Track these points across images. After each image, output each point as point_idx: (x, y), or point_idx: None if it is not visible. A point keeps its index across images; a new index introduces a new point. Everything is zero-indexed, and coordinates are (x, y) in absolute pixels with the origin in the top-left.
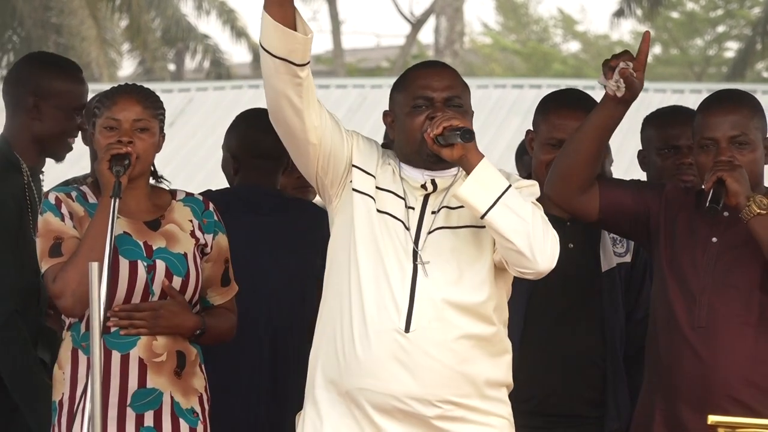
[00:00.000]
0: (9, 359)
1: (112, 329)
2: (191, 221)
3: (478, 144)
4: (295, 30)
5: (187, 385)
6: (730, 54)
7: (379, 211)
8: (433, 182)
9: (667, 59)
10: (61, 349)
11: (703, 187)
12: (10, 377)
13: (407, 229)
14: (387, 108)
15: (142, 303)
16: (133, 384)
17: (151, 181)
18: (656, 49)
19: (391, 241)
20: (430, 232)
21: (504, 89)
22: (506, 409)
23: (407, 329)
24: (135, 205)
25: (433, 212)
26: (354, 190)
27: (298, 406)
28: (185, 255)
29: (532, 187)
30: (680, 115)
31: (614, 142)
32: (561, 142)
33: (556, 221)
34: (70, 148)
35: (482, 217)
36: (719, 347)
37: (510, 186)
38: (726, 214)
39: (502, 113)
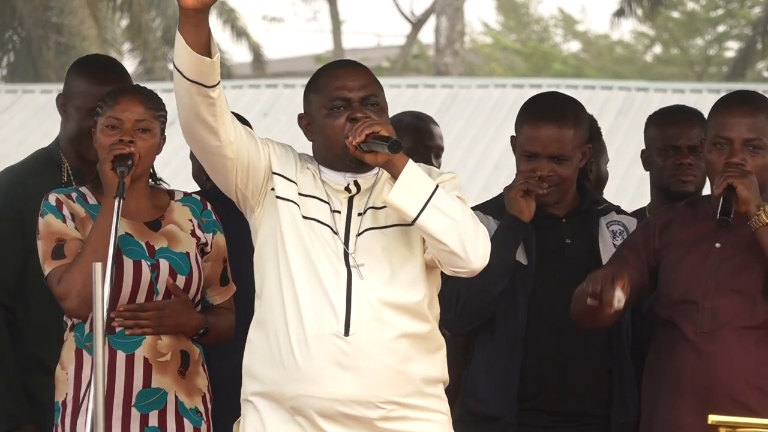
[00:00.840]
0: None
1: (117, 329)
2: (191, 221)
3: (480, 144)
4: (210, 52)
5: (191, 385)
6: (730, 54)
7: (304, 217)
8: (356, 183)
9: (667, 59)
10: (64, 350)
11: (712, 192)
12: None
13: (335, 233)
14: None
15: (146, 302)
16: (138, 384)
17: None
18: (657, 49)
19: (321, 246)
20: (359, 234)
21: (504, 89)
22: (444, 405)
23: (347, 332)
24: (135, 206)
25: (359, 214)
26: (277, 197)
27: None
28: (187, 254)
29: (453, 180)
30: (682, 115)
31: (614, 142)
32: (534, 155)
33: (551, 218)
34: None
35: (413, 221)
36: (723, 352)
37: (437, 186)
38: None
39: (502, 113)
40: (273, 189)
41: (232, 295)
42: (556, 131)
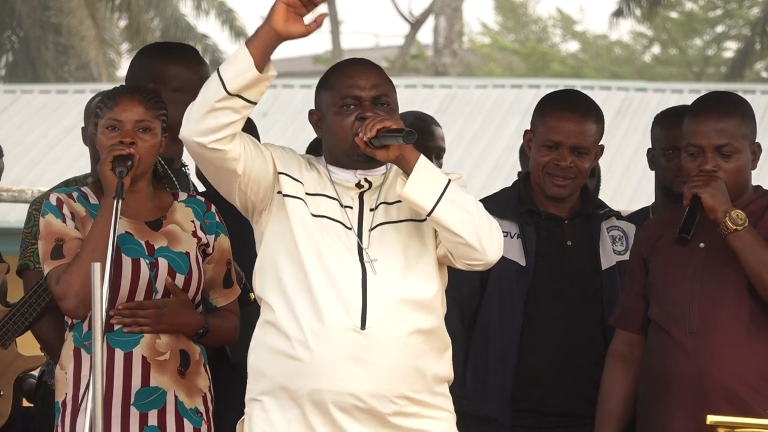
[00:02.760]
0: None
1: (116, 327)
2: (193, 222)
3: (478, 144)
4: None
5: (191, 385)
6: (729, 54)
7: (314, 215)
8: (367, 180)
9: (665, 59)
10: (63, 350)
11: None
12: None
13: (349, 228)
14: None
15: (145, 300)
16: (136, 382)
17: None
18: (655, 49)
19: (334, 242)
20: (372, 229)
21: (503, 89)
22: (451, 404)
23: (363, 326)
24: (137, 206)
25: (371, 209)
26: (285, 195)
27: None
28: (187, 254)
29: (459, 180)
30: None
31: (612, 142)
32: (557, 144)
33: (552, 219)
34: None
35: (429, 213)
36: (713, 350)
37: (450, 180)
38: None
39: (500, 113)
40: (280, 192)
41: (237, 298)
42: (580, 122)
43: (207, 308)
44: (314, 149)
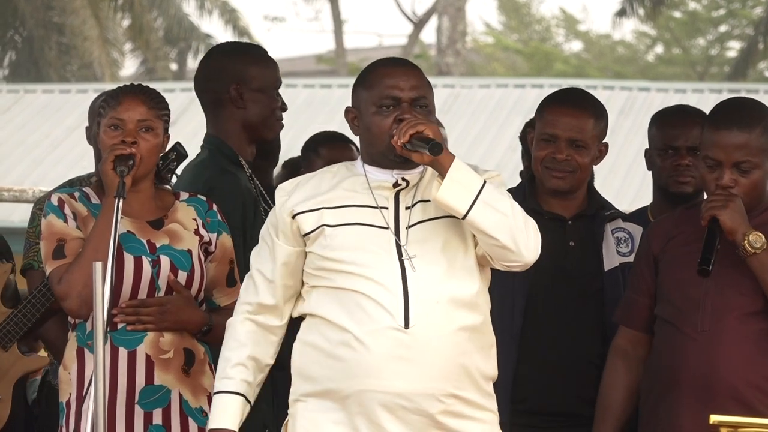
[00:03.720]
0: None
1: (119, 326)
2: (195, 220)
3: (481, 144)
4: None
5: (196, 384)
6: (732, 54)
7: (346, 224)
8: (404, 179)
9: (669, 59)
10: (66, 350)
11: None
12: None
13: (384, 228)
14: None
15: (148, 298)
16: (140, 381)
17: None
18: (658, 49)
19: (369, 245)
20: (409, 227)
21: (506, 89)
22: (494, 404)
23: (406, 325)
24: (139, 205)
25: (407, 207)
26: (304, 236)
27: None
28: (189, 251)
29: (498, 178)
30: (682, 115)
31: (615, 142)
32: (554, 137)
33: (557, 219)
34: (282, 126)
35: (464, 217)
36: (723, 350)
37: (485, 182)
38: None
39: (504, 113)
40: (306, 235)
41: None
42: (576, 116)
43: (210, 308)
44: (291, 166)
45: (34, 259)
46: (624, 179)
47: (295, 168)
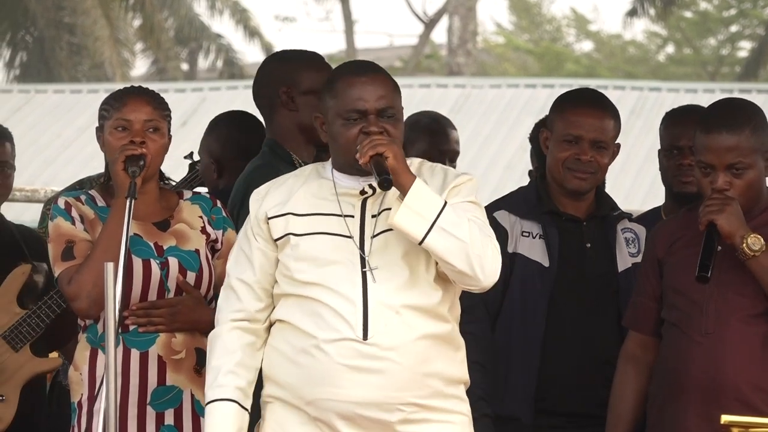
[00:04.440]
0: None
1: (131, 328)
2: (201, 218)
3: (492, 144)
4: None
5: None
6: (743, 54)
7: (311, 233)
8: (371, 186)
9: (680, 59)
10: (77, 352)
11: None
12: None
13: (350, 237)
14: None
15: (159, 300)
16: (152, 382)
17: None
18: (669, 49)
19: (335, 254)
20: (374, 236)
21: (517, 89)
22: (465, 406)
23: (365, 337)
24: (144, 207)
25: (373, 216)
26: (278, 239)
27: None
28: (197, 251)
29: (471, 182)
30: (687, 114)
31: (626, 142)
32: (577, 139)
33: (572, 221)
34: None
35: (420, 243)
36: (727, 353)
37: (445, 205)
38: None
39: (515, 113)
40: (276, 240)
41: None
42: (600, 117)
43: None
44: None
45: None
46: (635, 179)
47: None
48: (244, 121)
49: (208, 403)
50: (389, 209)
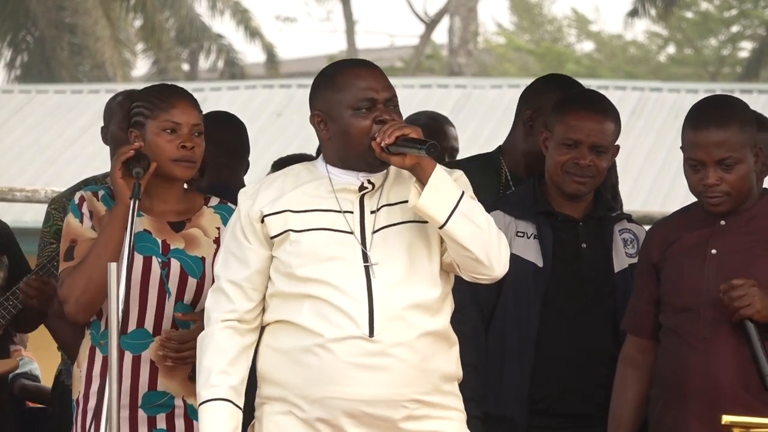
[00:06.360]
0: None
1: (130, 330)
2: (218, 228)
3: (493, 144)
4: None
5: None
6: (744, 54)
7: (311, 229)
8: (370, 182)
9: (681, 59)
10: (81, 347)
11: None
12: None
13: (349, 233)
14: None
15: (187, 332)
16: (143, 385)
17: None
18: (670, 49)
19: (337, 250)
20: (375, 232)
21: (518, 89)
22: (460, 403)
23: (371, 333)
24: (164, 204)
25: (372, 212)
26: (275, 237)
27: None
28: (203, 259)
29: (464, 177)
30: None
31: (627, 143)
32: (577, 143)
33: (567, 221)
34: None
35: (441, 227)
36: (724, 357)
37: (463, 192)
38: (723, 223)
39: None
40: (272, 237)
41: None
42: (600, 121)
43: None
44: (281, 166)
45: (47, 258)
46: (636, 180)
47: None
48: (227, 119)
49: (202, 403)
50: (389, 205)
